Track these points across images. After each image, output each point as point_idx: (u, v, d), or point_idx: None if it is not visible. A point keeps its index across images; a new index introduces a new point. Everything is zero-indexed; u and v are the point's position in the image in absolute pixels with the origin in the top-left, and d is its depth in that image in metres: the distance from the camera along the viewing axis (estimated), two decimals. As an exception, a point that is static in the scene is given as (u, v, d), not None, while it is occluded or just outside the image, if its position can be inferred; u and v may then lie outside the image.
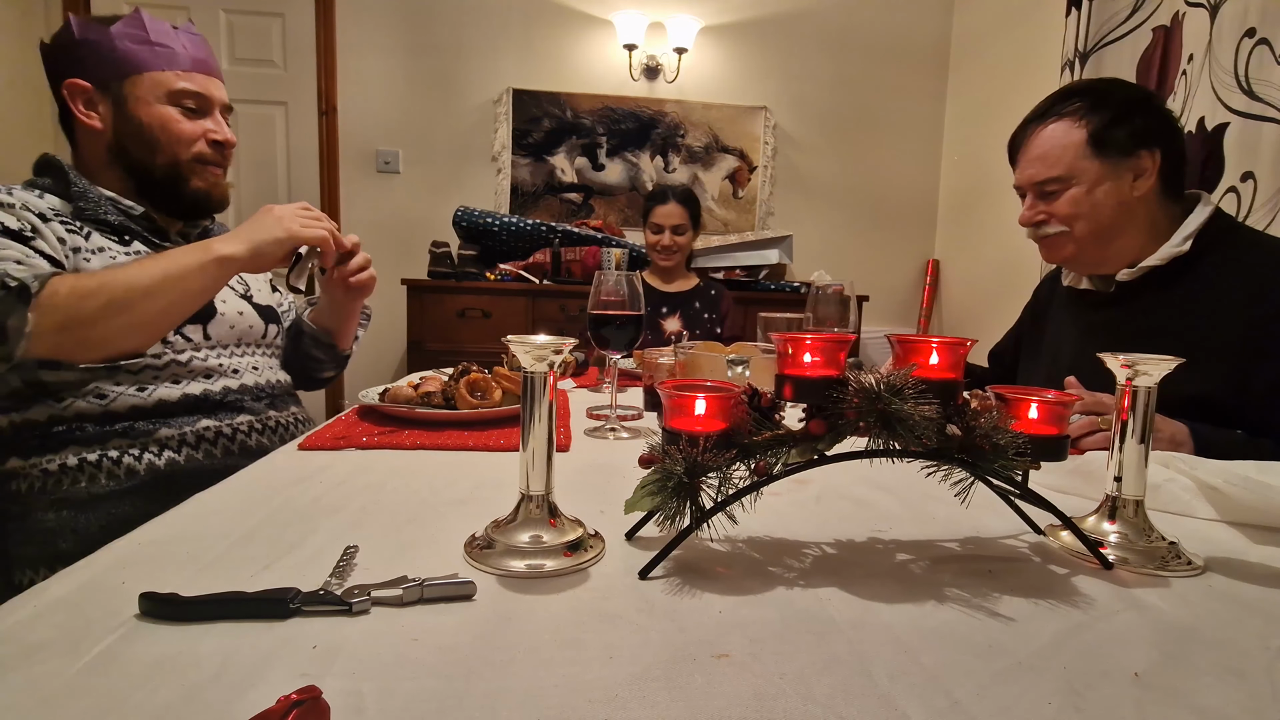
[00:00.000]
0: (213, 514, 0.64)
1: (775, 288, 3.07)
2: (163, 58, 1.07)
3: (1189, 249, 1.06)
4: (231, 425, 1.07)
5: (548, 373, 0.54)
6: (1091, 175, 1.09)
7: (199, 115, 1.11)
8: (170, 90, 1.07)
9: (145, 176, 1.09)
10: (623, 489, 0.60)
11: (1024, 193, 1.19)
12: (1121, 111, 1.08)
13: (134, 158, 1.08)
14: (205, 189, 1.13)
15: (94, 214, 1.02)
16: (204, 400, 1.05)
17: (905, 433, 0.51)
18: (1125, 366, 0.59)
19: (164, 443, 1.00)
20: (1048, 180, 1.13)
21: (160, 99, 1.07)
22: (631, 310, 1.00)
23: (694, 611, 0.47)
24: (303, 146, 3.19)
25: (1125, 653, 0.44)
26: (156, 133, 1.07)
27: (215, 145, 1.12)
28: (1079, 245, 1.13)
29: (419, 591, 0.47)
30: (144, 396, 1.00)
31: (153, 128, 1.07)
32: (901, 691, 0.39)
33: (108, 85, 1.06)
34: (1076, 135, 1.09)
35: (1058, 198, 1.13)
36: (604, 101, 3.29)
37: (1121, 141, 1.07)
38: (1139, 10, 2.07)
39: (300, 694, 0.33)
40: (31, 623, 0.43)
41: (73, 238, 0.99)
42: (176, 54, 1.08)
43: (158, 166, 1.08)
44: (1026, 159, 1.16)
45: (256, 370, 1.16)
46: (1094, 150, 1.08)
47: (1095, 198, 1.09)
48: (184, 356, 1.05)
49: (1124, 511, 0.61)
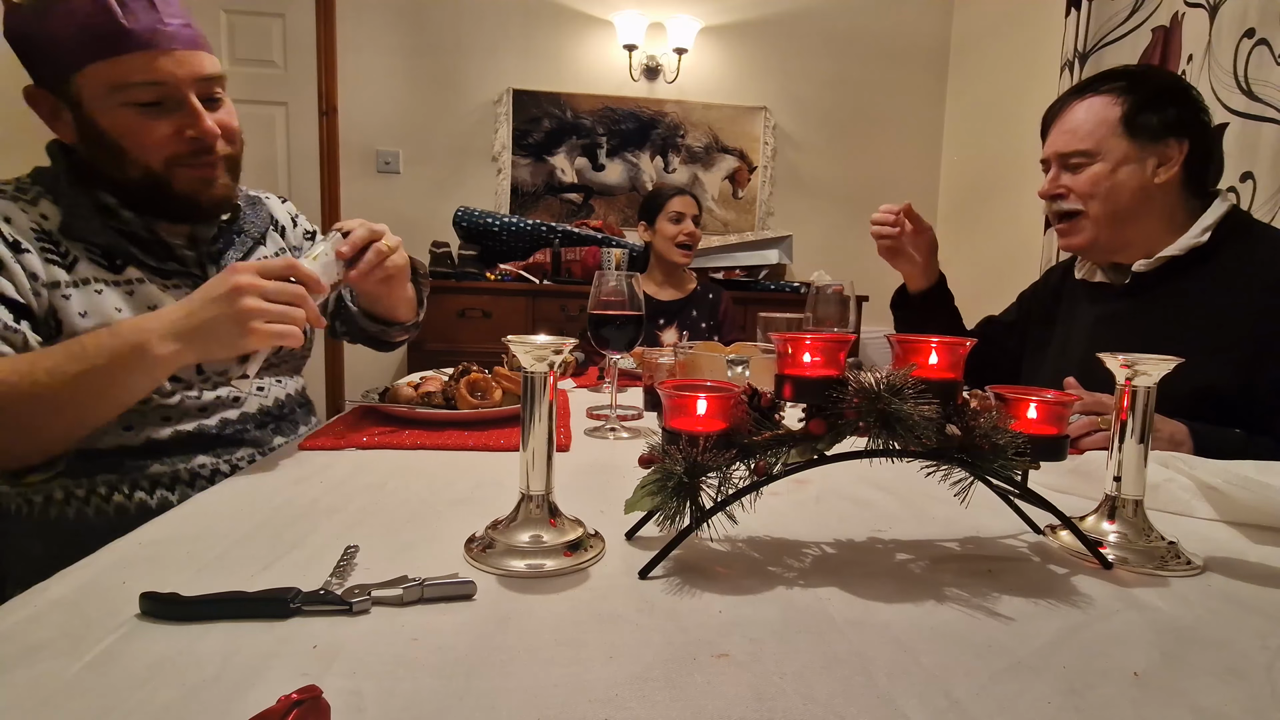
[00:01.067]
0: (213, 514, 0.64)
1: (775, 288, 3.07)
2: (100, 41, 0.81)
3: (1207, 241, 1.07)
4: (230, 461, 0.95)
5: (548, 373, 0.54)
6: (1117, 154, 1.10)
7: (167, 107, 0.87)
8: (117, 84, 0.83)
9: (125, 192, 0.91)
10: (623, 489, 0.60)
11: (1048, 166, 1.20)
12: (1159, 97, 1.09)
13: (107, 171, 0.89)
14: (190, 193, 0.92)
15: (82, 232, 0.87)
16: (198, 436, 0.93)
17: (905, 433, 0.51)
18: (1124, 366, 0.59)
19: (156, 480, 0.89)
20: (1074, 153, 1.13)
21: (113, 98, 0.84)
22: (631, 310, 1.00)
23: (694, 611, 0.47)
24: (303, 147, 3.19)
25: (1125, 653, 0.44)
26: (118, 140, 0.86)
27: (194, 141, 0.89)
28: (1095, 227, 1.13)
29: (419, 591, 0.47)
30: (131, 435, 0.88)
31: (113, 135, 0.86)
32: (901, 691, 0.39)
33: (58, 87, 0.86)
34: (1112, 112, 1.10)
35: (1080, 172, 1.13)
36: (604, 102, 3.29)
37: (1153, 126, 1.08)
38: (1139, 10, 2.07)
39: (300, 694, 0.33)
40: (31, 623, 0.43)
41: (52, 270, 0.84)
42: (114, 33, 0.81)
43: (132, 180, 0.89)
44: (1058, 130, 1.17)
45: (262, 391, 1.02)
46: (1125, 129, 1.09)
47: (1117, 178, 1.10)
48: (173, 400, 0.91)
49: (1123, 511, 0.61)
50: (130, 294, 0.90)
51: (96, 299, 0.87)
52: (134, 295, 0.90)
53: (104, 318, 0.86)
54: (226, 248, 1.02)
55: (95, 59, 0.82)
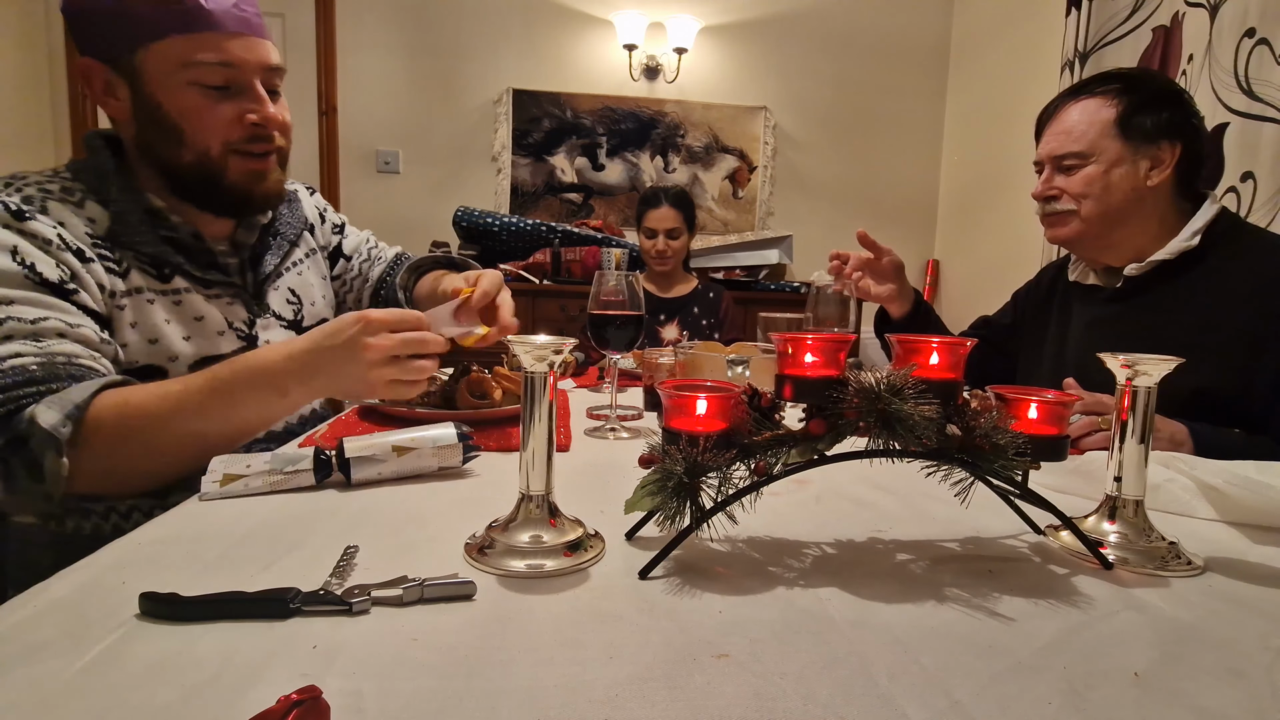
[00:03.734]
0: (213, 514, 0.64)
1: (775, 288, 3.07)
2: (174, 17, 0.81)
3: (1197, 244, 1.08)
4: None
5: (548, 373, 0.54)
6: (1111, 156, 1.10)
7: (232, 92, 0.86)
8: (188, 63, 0.83)
9: (176, 177, 0.88)
10: (623, 489, 0.60)
11: (1042, 168, 1.20)
12: (1153, 99, 1.10)
13: (159, 155, 0.87)
14: (245, 185, 0.90)
15: (130, 241, 0.85)
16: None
17: (905, 433, 0.51)
18: (1125, 366, 0.59)
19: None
20: (1068, 154, 1.14)
21: (178, 76, 0.83)
22: (631, 310, 1.00)
23: (694, 611, 0.47)
24: (303, 146, 3.18)
25: (1125, 653, 0.44)
26: (178, 121, 0.84)
27: (255, 128, 0.88)
28: (1084, 224, 1.14)
29: (419, 591, 0.47)
30: None
31: (173, 115, 0.84)
32: (901, 691, 0.39)
33: (119, 62, 0.84)
34: (1106, 113, 1.11)
35: (1074, 174, 1.14)
36: (604, 101, 3.29)
37: (1146, 129, 1.09)
38: (1139, 10, 2.07)
39: (300, 694, 0.33)
40: (31, 623, 0.43)
41: (112, 280, 0.83)
42: (190, 11, 0.82)
43: (186, 165, 0.87)
44: (1052, 132, 1.17)
45: None
46: (1119, 131, 1.10)
47: (1109, 179, 1.11)
48: None
49: (1124, 511, 0.61)
50: (177, 304, 0.89)
51: (147, 309, 0.86)
52: (180, 305, 0.90)
53: (152, 329, 0.86)
54: (264, 251, 1.02)
55: (168, 34, 0.82)
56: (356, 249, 1.24)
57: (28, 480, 0.69)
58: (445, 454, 0.74)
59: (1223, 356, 1.00)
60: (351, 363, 0.76)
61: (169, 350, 0.88)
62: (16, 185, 0.82)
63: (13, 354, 0.71)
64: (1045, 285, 1.37)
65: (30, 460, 0.68)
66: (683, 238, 2.34)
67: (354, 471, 0.70)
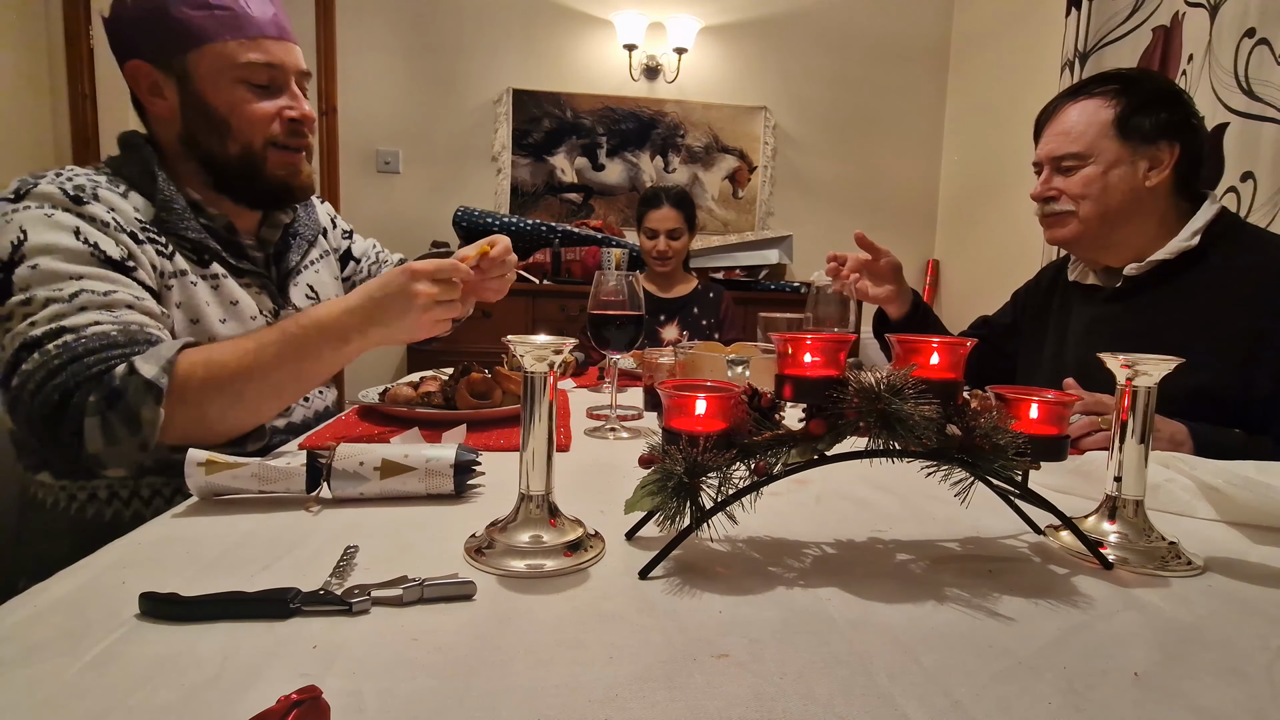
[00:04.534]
0: (213, 514, 0.64)
1: (775, 288, 3.07)
2: (224, 23, 0.90)
3: (1196, 244, 1.07)
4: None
5: (548, 373, 0.54)
6: (1109, 156, 1.10)
7: (273, 91, 0.94)
8: (236, 64, 0.90)
9: (219, 169, 0.95)
10: (623, 489, 0.60)
11: (1041, 168, 1.20)
12: (1151, 100, 1.10)
13: (205, 148, 0.94)
14: (283, 178, 0.97)
15: (175, 228, 0.91)
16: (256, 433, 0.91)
17: (905, 433, 0.51)
18: (1125, 366, 0.59)
19: None
20: (1066, 155, 1.14)
21: (227, 75, 0.91)
22: (631, 310, 1.00)
23: (694, 611, 0.47)
24: (303, 146, 3.19)
25: (1125, 653, 0.44)
26: (226, 116, 0.92)
27: (293, 124, 0.96)
28: (1083, 225, 1.14)
29: (419, 591, 0.47)
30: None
31: (221, 111, 0.92)
32: (901, 691, 0.39)
33: (169, 63, 0.90)
34: (1104, 114, 1.11)
35: (1072, 174, 1.14)
36: (604, 101, 3.29)
37: (1145, 129, 1.09)
38: (1139, 10, 2.07)
39: (300, 694, 0.33)
40: (31, 623, 0.43)
41: (161, 262, 0.88)
42: (239, 17, 0.90)
43: (231, 157, 0.94)
44: (1050, 133, 1.17)
45: (306, 402, 1.07)
46: (1117, 132, 1.10)
47: (1108, 180, 1.11)
48: None
49: (1124, 511, 0.61)
50: (215, 288, 0.95)
51: (191, 290, 0.91)
52: (218, 290, 0.95)
53: (194, 309, 0.91)
54: (286, 249, 1.09)
55: (219, 38, 0.90)
56: (364, 253, 1.32)
57: (125, 431, 0.73)
58: (434, 481, 0.69)
59: (1223, 356, 1.00)
60: (404, 308, 0.84)
61: (208, 331, 0.92)
62: (68, 175, 0.86)
63: (92, 322, 0.77)
64: (1045, 285, 1.37)
65: (128, 412, 0.73)
66: (683, 238, 2.35)
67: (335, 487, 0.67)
